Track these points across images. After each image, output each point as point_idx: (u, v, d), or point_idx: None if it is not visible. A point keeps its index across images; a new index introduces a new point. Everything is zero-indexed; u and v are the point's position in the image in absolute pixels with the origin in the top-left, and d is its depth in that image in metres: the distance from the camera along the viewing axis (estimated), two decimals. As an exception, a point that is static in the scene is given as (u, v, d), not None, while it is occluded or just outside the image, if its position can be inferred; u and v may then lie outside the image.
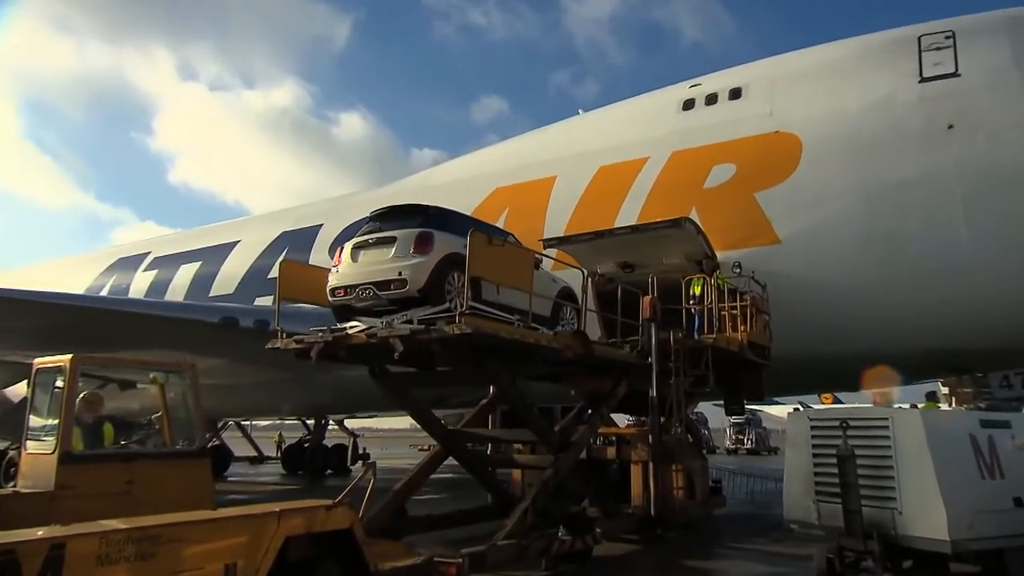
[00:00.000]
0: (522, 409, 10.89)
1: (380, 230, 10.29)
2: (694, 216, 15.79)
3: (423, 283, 9.50)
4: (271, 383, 20.49)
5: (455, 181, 20.78)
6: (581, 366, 11.25)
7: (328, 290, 10.38)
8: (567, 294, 12.47)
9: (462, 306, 9.03)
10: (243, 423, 35.25)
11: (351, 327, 9.93)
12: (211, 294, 22.78)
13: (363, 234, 10.49)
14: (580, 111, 22.13)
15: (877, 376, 15.21)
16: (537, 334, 10.03)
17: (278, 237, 22.76)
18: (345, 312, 10.34)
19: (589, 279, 11.56)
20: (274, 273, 13.26)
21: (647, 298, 12.90)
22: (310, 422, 32.31)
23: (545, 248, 14.81)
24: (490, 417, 13.26)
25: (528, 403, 11.13)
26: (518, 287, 9.98)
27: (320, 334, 10.04)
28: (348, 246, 10.44)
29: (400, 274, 9.54)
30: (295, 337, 10.39)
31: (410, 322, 9.29)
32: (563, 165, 19.23)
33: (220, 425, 31.93)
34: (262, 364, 19.33)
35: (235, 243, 23.98)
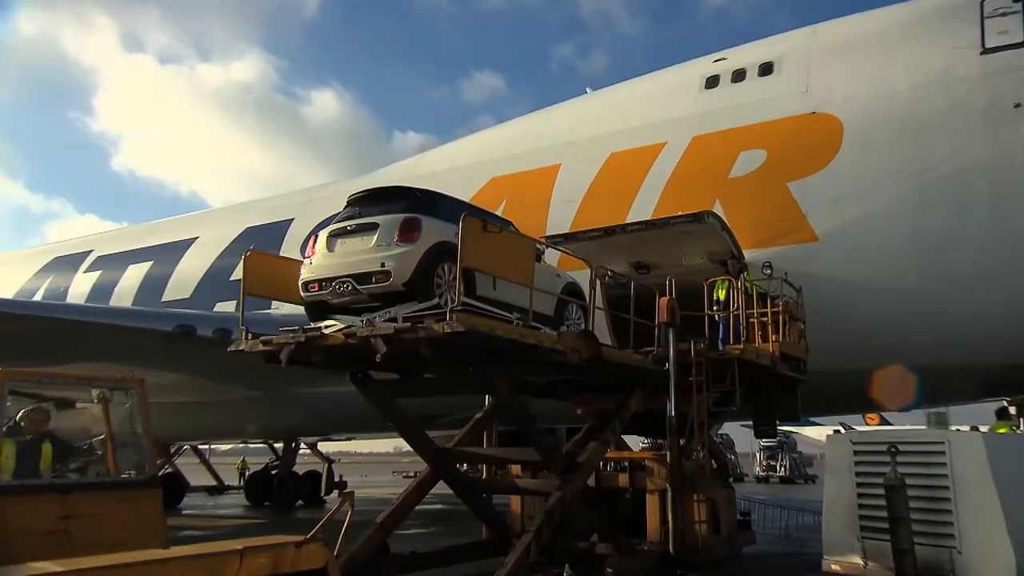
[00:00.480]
0: (523, 422, 10.99)
1: (360, 216, 10.38)
2: (718, 210, 15.92)
3: (409, 275, 9.58)
4: (234, 401, 20.55)
5: (445, 170, 20.91)
6: (589, 373, 11.32)
7: (300, 284, 10.44)
8: (573, 291, 12.51)
9: (453, 301, 9.13)
10: (201, 447, 35.33)
11: (327, 326, 9.99)
12: (164, 299, 22.89)
13: (341, 220, 10.56)
14: (588, 90, 22.39)
15: (930, 392, 15.32)
16: (539, 334, 10.10)
17: (242, 234, 22.83)
18: (320, 309, 10.40)
19: (596, 272, 11.68)
20: (237, 275, 13.34)
21: (664, 299, 12.96)
22: (278, 446, 32.32)
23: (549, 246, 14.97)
24: (485, 436, 13.34)
25: (530, 416, 11.20)
26: (517, 281, 10.04)
27: (291, 334, 10.15)
28: (323, 234, 10.51)
29: (383, 265, 9.61)
30: (262, 338, 10.51)
31: (394, 320, 9.35)
32: (568, 152, 19.36)
33: (174, 450, 31.95)
34: (223, 379, 19.46)
35: (192, 240, 24.09)
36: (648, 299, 13.23)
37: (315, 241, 10.65)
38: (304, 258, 10.70)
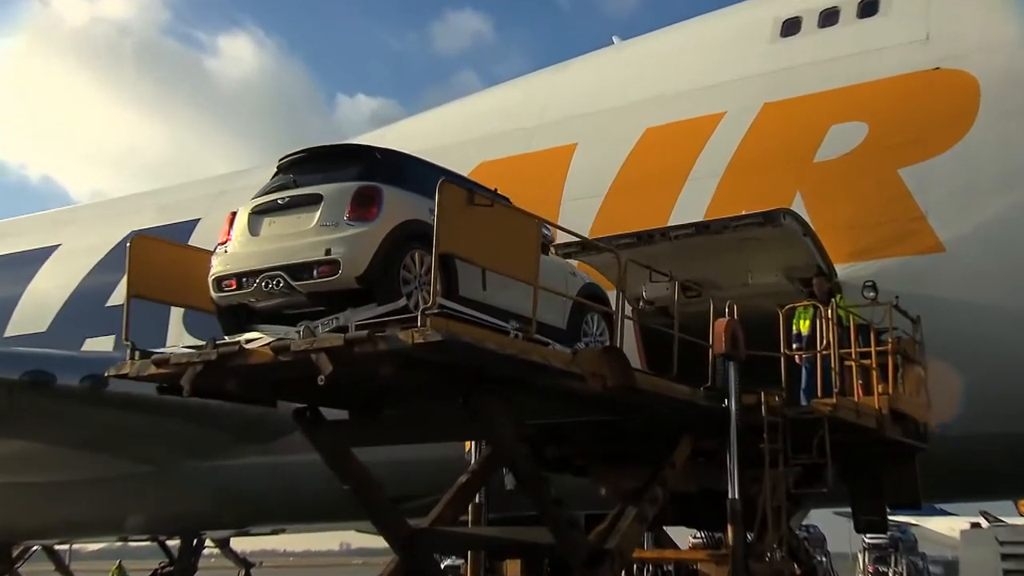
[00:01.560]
0: (530, 483, 11.18)
1: (296, 185, 10.59)
2: (798, 207, 16.16)
3: (365, 267, 9.76)
4: (108, 480, 20.54)
5: (415, 151, 21.24)
6: (614, 410, 11.54)
7: (211, 281, 10.65)
8: (592, 295, 12.79)
9: (427, 303, 9.28)
10: (58, 548, 34.93)
11: (248, 339, 10.19)
12: (8, 333, 23.06)
13: (269, 192, 10.82)
14: (614, 39, 22.91)
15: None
16: (546, 350, 10.31)
17: (124, 240, 23.06)
18: (238, 316, 10.65)
19: (623, 265, 11.97)
20: (117, 299, 13.51)
21: (723, 322, 13.29)
22: (172, 543, 32.39)
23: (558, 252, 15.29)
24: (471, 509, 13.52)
25: (540, 475, 11.37)
26: (515, 276, 10.24)
27: (197, 351, 10.23)
28: (244, 212, 10.73)
29: (328, 252, 9.80)
30: (155, 356, 10.64)
31: (344, 329, 9.52)
32: (587, 127, 19.64)
33: (16, 554, 31.74)
34: (94, 446, 19.46)
35: (50, 250, 24.27)
36: (700, 332, 13.48)
37: (232, 221, 10.85)
38: (217, 245, 10.91)
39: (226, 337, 10.54)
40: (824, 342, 14.20)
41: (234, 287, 10.44)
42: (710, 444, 13.37)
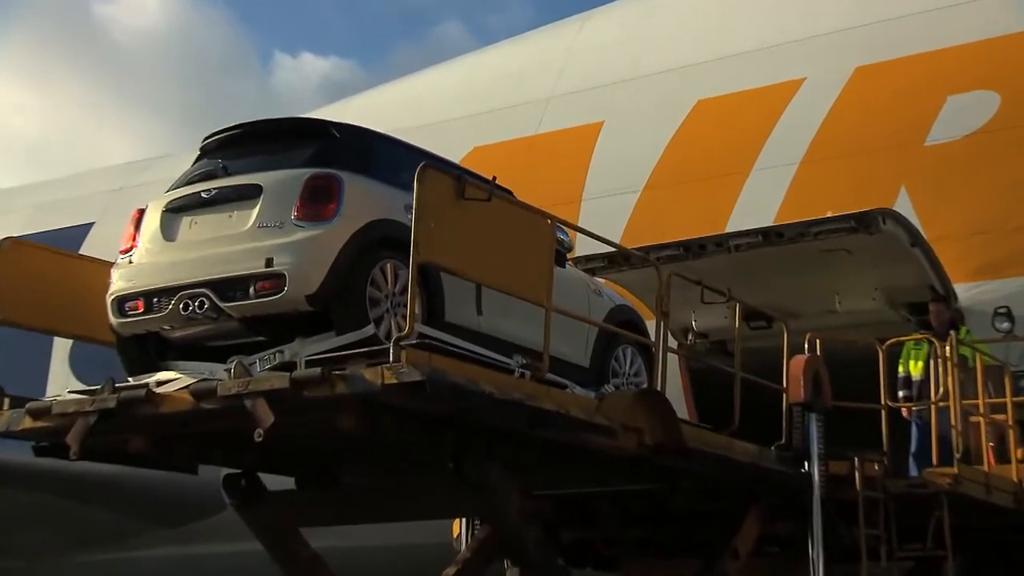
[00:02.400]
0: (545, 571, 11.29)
1: (226, 173, 10.75)
2: (903, 206, 16.34)
3: (319, 282, 9.86)
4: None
5: (388, 131, 21.30)
6: (654, 477, 11.62)
7: (111, 302, 10.77)
8: (625, 320, 12.92)
9: (401, 330, 9.27)
10: None
11: (160, 380, 10.20)
12: None
13: (190, 182, 10.96)
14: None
15: None
16: (562, 395, 10.33)
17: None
18: (146, 349, 10.78)
19: (666, 283, 11.96)
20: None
21: (801, 360, 13.41)
22: None
23: (577, 267, 15.34)
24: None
25: (556, 567, 11.44)
26: (521, 296, 10.31)
27: (89, 398, 10.27)
28: (155, 209, 10.93)
29: (270, 264, 9.90)
30: (30, 405, 10.68)
31: (291, 366, 9.52)
32: (617, 99, 19.99)
33: None
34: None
35: None
36: (769, 373, 13.59)
37: (139, 222, 11.03)
38: (119, 255, 11.07)
39: (129, 378, 10.55)
40: (941, 390, 14.22)
41: (141, 310, 10.52)
42: (784, 527, 13.44)
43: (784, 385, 13.31)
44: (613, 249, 14.51)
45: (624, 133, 19.74)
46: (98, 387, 10.43)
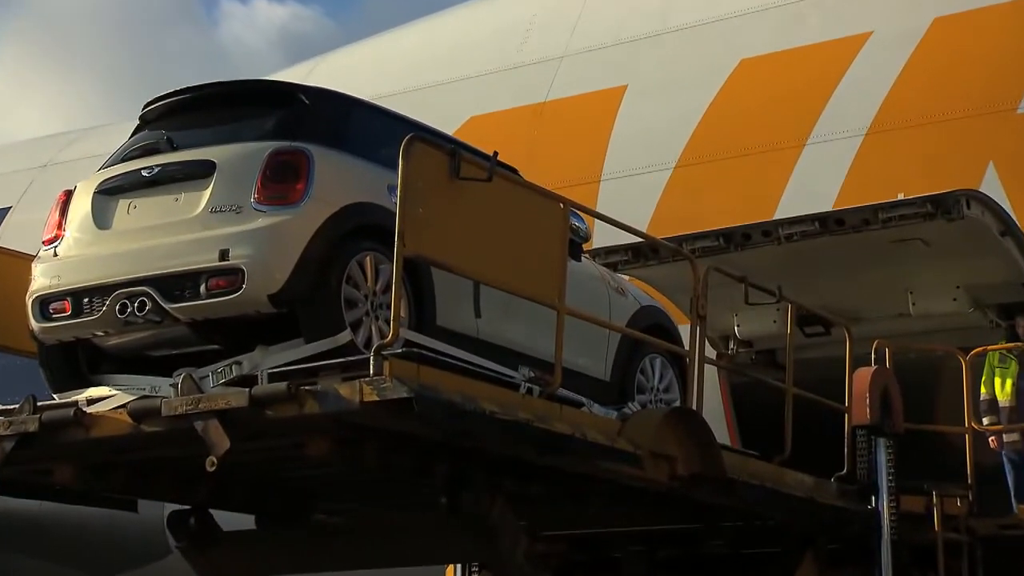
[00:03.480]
0: None
1: (172, 147, 10.82)
2: (992, 187, 16.46)
3: (285, 279, 9.88)
4: None
5: (369, 97, 21.09)
6: (690, 515, 11.66)
7: (31, 303, 10.82)
8: (654, 324, 12.96)
9: (384, 336, 9.36)
10: None
11: (92, 397, 10.33)
12: None
13: (128, 158, 11.04)
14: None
15: None
16: (578, 414, 10.45)
17: None
18: (74, 360, 10.82)
19: (703, 280, 11.92)
20: None
21: (867, 373, 13.48)
22: None
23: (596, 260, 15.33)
24: None
25: None
26: (528, 295, 10.38)
27: (5, 418, 10.21)
28: (85, 191, 11.00)
29: (225, 256, 9.90)
30: None
31: (251, 380, 9.50)
32: (642, 59, 20.09)
33: None
34: None
35: None
36: (827, 389, 13.64)
37: (65, 206, 11.10)
38: (42, 247, 11.14)
39: (55, 396, 10.60)
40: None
41: (69, 313, 10.54)
42: (848, 575, 13.48)
43: (846, 404, 13.37)
44: (639, 239, 14.54)
45: (651, 100, 19.79)
46: (15, 406, 10.39)
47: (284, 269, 9.86)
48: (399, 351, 9.21)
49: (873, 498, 13.06)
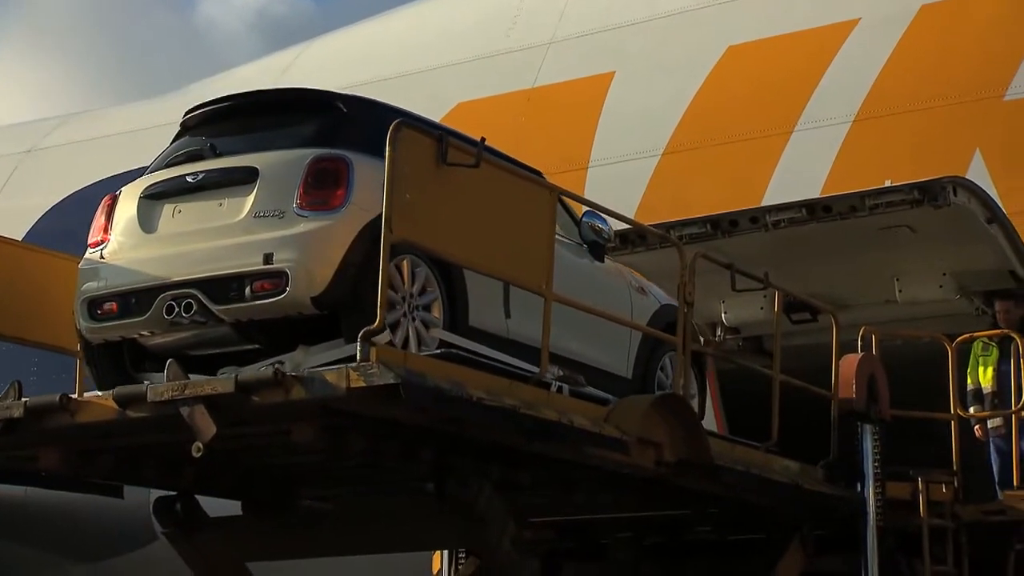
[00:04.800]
0: None
1: (215, 153, 10.85)
2: (978, 174, 16.45)
3: (328, 281, 10.00)
4: None
5: (353, 85, 21.26)
6: (677, 501, 11.70)
7: (79, 304, 10.86)
8: (674, 324, 12.76)
9: (420, 337, 9.73)
10: None
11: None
12: None
13: (172, 163, 11.08)
14: None
15: None
16: (565, 401, 10.42)
17: None
18: (121, 359, 10.89)
19: (689, 266, 11.93)
20: None
21: (853, 359, 13.52)
22: None
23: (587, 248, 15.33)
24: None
25: None
26: (514, 281, 10.57)
27: None
28: (131, 195, 11.04)
29: (270, 260, 10.01)
30: None
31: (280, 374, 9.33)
32: (631, 45, 20.06)
33: None
34: None
35: None
36: (814, 376, 13.67)
37: (111, 210, 11.09)
38: (88, 249, 11.12)
39: (99, 392, 10.55)
40: (1023, 399, 14.39)
41: (116, 313, 10.59)
42: (832, 562, 13.55)
43: (833, 390, 13.39)
44: (626, 226, 14.43)
45: (639, 86, 19.79)
46: (1, 392, 10.52)
47: (327, 272, 9.94)
48: (437, 352, 9.54)
49: (859, 484, 13.08)
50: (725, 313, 15.95)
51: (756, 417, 13.25)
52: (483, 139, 10.55)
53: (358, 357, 8.97)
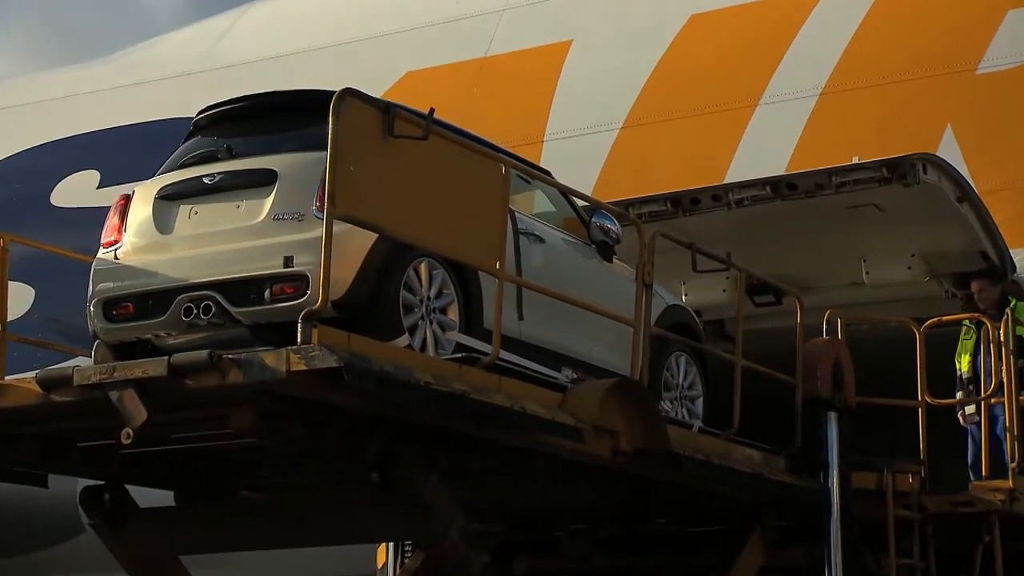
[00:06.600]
0: None
1: (232, 154, 10.94)
2: (949, 151, 16.40)
3: (348, 284, 10.09)
4: None
5: (291, 53, 21.72)
6: (630, 491, 11.77)
7: (94, 305, 10.97)
8: (679, 323, 13.27)
9: (437, 339, 10.04)
10: None
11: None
12: None
13: (187, 163, 11.20)
14: None
15: None
16: (516, 386, 10.39)
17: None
18: (131, 358, 10.61)
19: (649, 246, 11.93)
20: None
21: (819, 344, 13.58)
22: None
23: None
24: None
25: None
26: (465, 259, 10.55)
27: None
28: (145, 195, 11.14)
29: (290, 263, 10.11)
30: None
31: (216, 356, 9.38)
32: (590, 13, 20.13)
33: None
34: None
35: None
36: (777, 361, 13.61)
37: (125, 210, 11.20)
38: (101, 249, 11.24)
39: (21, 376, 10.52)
40: (993, 384, 14.40)
41: (132, 314, 10.68)
42: (794, 555, 13.56)
43: (796, 376, 13.33)
44: (583, 203, 14.44)
45: (598, 56, 19.81)
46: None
47: (347, 276, 10.03)
48: (459, 355, 10.03)
49: (823, 474, 13.07)
50: (686, 295, 15.82)
51: (718, 404, 13.22)
52: (432, 110, 10.49)
53: (299, 339, 8.93)
